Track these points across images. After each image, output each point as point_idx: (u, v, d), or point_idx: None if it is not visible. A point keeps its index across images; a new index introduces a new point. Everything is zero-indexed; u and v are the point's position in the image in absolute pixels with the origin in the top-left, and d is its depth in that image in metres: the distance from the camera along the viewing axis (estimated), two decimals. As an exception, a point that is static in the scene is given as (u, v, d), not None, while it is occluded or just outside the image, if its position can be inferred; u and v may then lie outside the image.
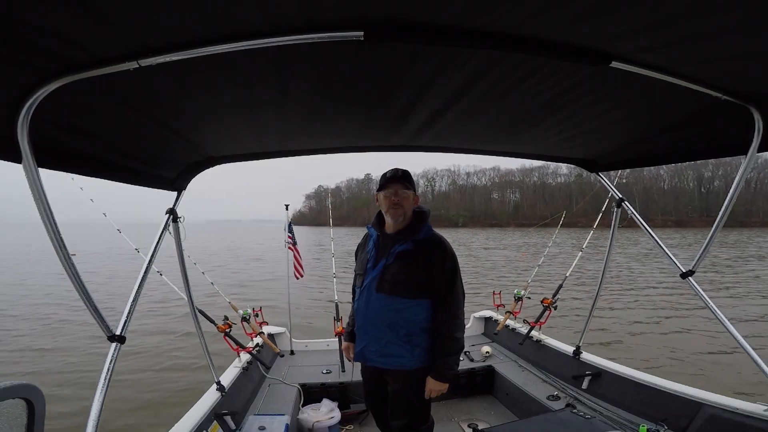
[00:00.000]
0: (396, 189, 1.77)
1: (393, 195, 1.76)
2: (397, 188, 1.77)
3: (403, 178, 1.79)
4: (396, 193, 1.76)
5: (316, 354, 3.64)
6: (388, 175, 1.80)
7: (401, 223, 1.79)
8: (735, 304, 9.25)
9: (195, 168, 1.93)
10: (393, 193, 1.76)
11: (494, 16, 0.86)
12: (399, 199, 1.76)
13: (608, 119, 1.62)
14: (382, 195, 1.79)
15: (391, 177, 1.79)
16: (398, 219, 1.78)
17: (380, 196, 1.81)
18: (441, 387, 1.74)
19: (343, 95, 1.35)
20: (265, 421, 2.32)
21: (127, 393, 4.68)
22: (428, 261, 1.72)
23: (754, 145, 1.45)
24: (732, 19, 0.83)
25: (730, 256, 20.75)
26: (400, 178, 1.78)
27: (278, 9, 0.80)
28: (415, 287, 1.72)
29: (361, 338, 1.85)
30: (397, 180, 1.78)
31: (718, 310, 1.96)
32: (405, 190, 1.77)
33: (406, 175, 1.81)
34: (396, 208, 1.76)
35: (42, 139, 1.09)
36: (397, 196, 1.76)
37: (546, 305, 3.47)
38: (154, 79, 1.05)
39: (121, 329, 1.42)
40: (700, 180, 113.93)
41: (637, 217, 2.37)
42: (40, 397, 0.90)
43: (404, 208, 1.77)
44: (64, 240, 1.15)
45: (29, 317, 8.77)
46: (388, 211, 1.78)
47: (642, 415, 2.32)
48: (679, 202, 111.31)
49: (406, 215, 1.78)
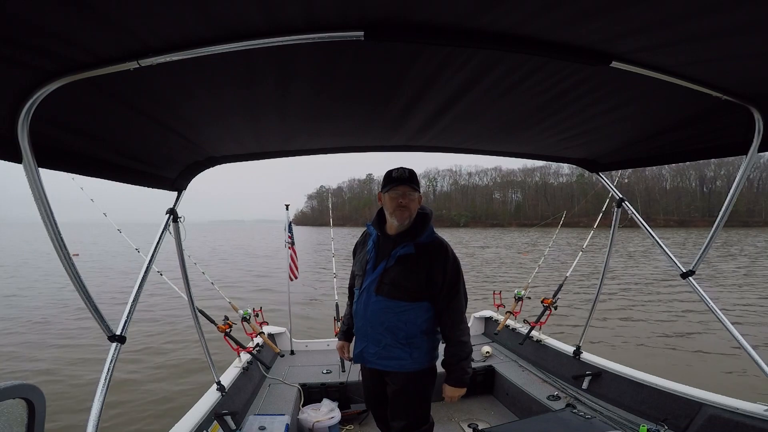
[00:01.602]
0: (404, 191, 1.70)
1: (401, 197, 1.69)
2: (406, 190, 1.70)
3: (411, 180, 1.71)
4: (404, 195, 1.69)
5: (317, 354, 3.64)
6: (394, 175, 1.72)
7: (406, 225, 1.74)
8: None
9: (195, 168, 1.94)
10: (401, 195, 1.69)
11: (494, 16, 0.85)
12: (407, 202, 1.69)
13: (608, 119, 1.62)
14: (388, 196, 1.71)
15: (398, 177, 1.71)
16: (404, 222, 1.72)
17: (385, 197, 1.73)
18: (459, 392, 1.75)
19: (343, 95, 1.35)
20: (266, 421, 2.32)
21: (127, 393, 4.69)
22: (430, 266, 1.68)
23: (755, 145, 1.45)
24: (732, 19, 0.83)
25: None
26: (408, 179, 1.71)
27: (278, 9, 0.80)
28: (414, 291, 1.70)
29: (360, 340, 1.84)
30: (405, 182, 1.70)
31: (718, 310, 1.95)
32: (413, 192, 1.71)
33: (413, 176, 1.73)
34: (402, 211, 1.69)
35: (42, 139, 1.09)
36: (405, 199, 1.69)
37: (546, 305, 3.47)
38: (154, 79, 1.05)
39: (121, 329, 1.43)
40: (702, 180, 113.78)
41: (637, 217, 2.37)
42: (41, 397, 0.91)
43: (411, 211, 1.71)
44: (65, 240, 1.15)
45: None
46: (394, 213, 1.71)
47: (642, 415, 2.32)
48: (682, 202, 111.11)
49: (412, 217, 1.74)
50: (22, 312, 9.20)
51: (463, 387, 1.74)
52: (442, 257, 1.72)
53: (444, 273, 1.70)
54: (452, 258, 1.74)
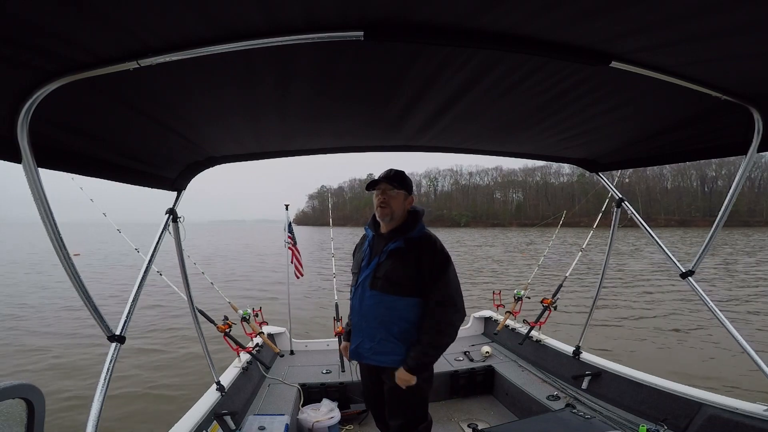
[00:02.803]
0: (383, 188, 1.78)
1: (380, 194, 1.78)
2: (385, 187, 1.78)
3: (392, 178, 1.79)
4: (383, 192, 1.78)
5: (316, 354, 3.65)
6: (377, 176, 1.83)
7: (393, 222, 1.81)
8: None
9: (195, 168, 1.94)
10: (380, 193, 1.78)
11: (494, 16, 0.85)
12: (386, 198, 1.77)
13: (608, 119, 1.62)
14: (373, 196, 1.82)
15: (381, 176, 1.81)
16: (385, 219, 1.80)
17: (372, 197, 1.84)
18: (407, 378, 1.69)
19: (343, 95, 1.35)
20: (265, 421, 2.32)
21: (126, 393, 4.69)
22: (419, 257, 1.72)
23: (754, 145, 1.46)
24: (732, 19, 0.83)
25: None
26: (388, 177, 1.79)
27: (278, 9, 0.80)
28: (406, 285, 1.73)
29: (356, 336, 1.87)
30: (386, 180, 1.79)
31: (717, 310, 1.95)
32: (393, 189, 1.78)
33: (397, 175, 1.82)
34: (383, 207, 1.78)
35: (42, 139, 1.10)
36: (385, 195, 1.77)
37: (546, 305, 3.46)
38: (154, 79, 1.05)
39: (121, 329, 1.43)
40: (703, 179, 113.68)
41: (636, 217, 2.37)
42: (40, 397, 0.91)
43: (391, 208, 1.78)
44: (64, 240, 1.16)
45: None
46: (376, 210, 1.81)
47: (642, 415, 2.32)
48: (683, 202, 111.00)
49: (394, 215, 1.79)
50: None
51: (413, 374, 1.69)
52: (431, 248, 1.75)
53: (431, 262, 1.72)
54: (439, 249, 1.76)
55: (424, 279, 1.71)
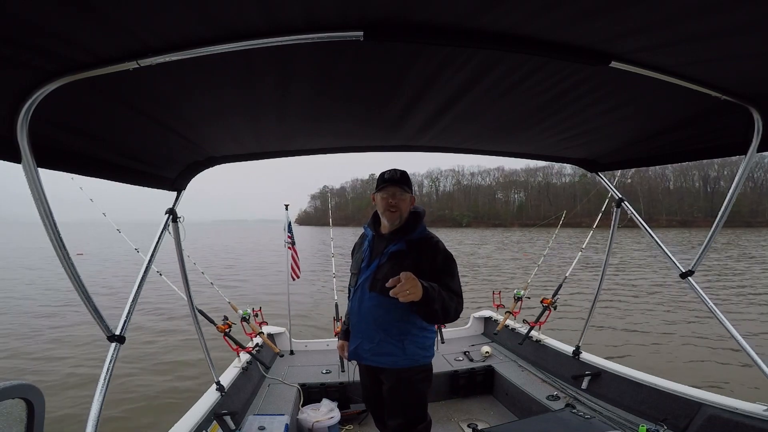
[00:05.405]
0: (394, 191, 1.76)
1: (390, 197, 1.76)
2: (395, 191, 1.76)
3: (402, 181, 1.78)
4: (393, 196, 1.76)
5: (316, 354, 3.65)
6: (386, 177, 1.79)
7: (396, 224, 1.79)
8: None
9: (195, 168, 1.94)
10: (390, 196, 1.76)
11: (494, 16, 0.85)
12: (396, 202, 1.76)
13: (608, 119, 1.62)
14: (380, 196, 1.79)
15: (389, 179, 1.78)
16: (394, 222, 1.78)
17: (377, 197, 1.81)
18: (412, 284, 1.45)
19: (343, 95, 1.35)
20: (265, 421, 2.32)
21: (126, 393, 4.70)
22: (419, 259, 1.71)
23: (754, 145, 1.45)
24: (732, 19, 0.83)
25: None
26: (399, 180, 1.77)
27: (278, 9, 0.80)
28: None
29: (355, 337, 1.86)
30: (396, 182, 1.77)
31: (717, 310, 1.95)
32: (403, 193, 1.77)
33: (404, 177, 1.80)
34: (393, 211, 1.76)
35: (42, 139, 1.10)
36: (395, 199, 1.76)
37: (546, 305, 3.46)
38: (154, 79, 1.05)
39: (120, 329, 1.43)
40: (705, 180, 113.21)
41: (636, 217, 2.37)
42: (40, 397, 0.91)
43: (401, 211, 1.77)
44: (64, 240, 1.16)
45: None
46: (384, 214, 1.78)
47: (642, 415, 2.32)
48: (684, 202, 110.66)
49: (403, 218, 1.79)
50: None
51: (418, 292, 1.46)
52: (432, 250, 1.73)
53: (432, 262, 1.69)
54: (442, 251, 1.75)
55: (423, 277, 1.69)
